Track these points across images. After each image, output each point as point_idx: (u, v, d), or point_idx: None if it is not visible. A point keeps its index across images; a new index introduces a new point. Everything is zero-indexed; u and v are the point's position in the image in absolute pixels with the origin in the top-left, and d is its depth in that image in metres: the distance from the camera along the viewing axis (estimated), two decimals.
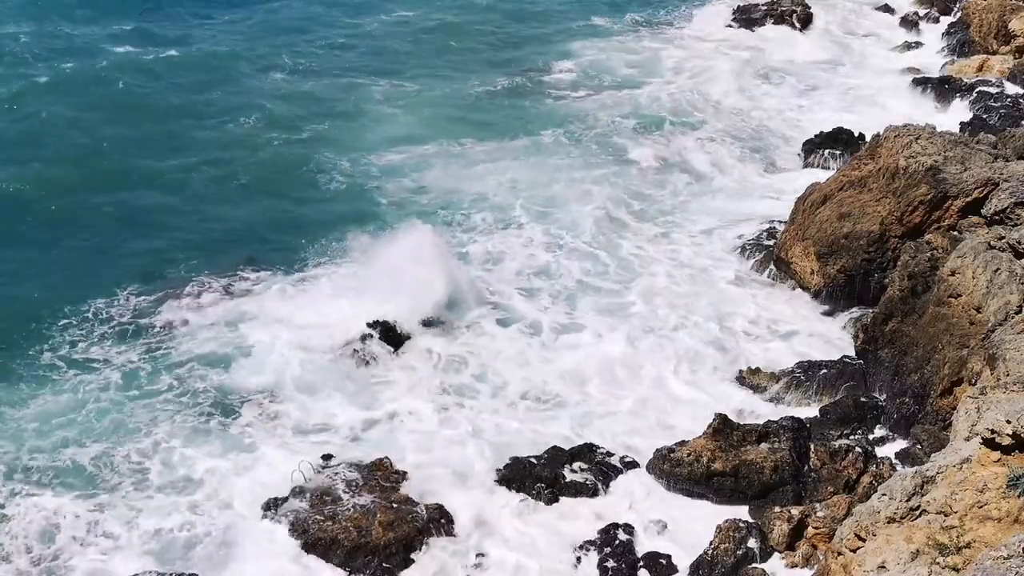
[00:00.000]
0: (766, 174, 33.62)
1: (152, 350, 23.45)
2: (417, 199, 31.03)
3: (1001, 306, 19.21)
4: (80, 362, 22.85)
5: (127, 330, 24.11)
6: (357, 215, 29.69)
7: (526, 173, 32.45)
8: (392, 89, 39.81)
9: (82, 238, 28.11)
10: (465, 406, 21.89)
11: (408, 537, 17.84)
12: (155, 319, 24.61)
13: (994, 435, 13.45)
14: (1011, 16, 42.17)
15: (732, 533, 17.51)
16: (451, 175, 32.48)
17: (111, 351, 23.31)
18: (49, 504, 18.68)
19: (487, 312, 25.20)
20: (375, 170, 32.77)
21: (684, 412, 21.58)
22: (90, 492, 19.14)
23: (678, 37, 47.57)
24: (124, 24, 45.70)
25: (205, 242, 28.18)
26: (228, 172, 32.39)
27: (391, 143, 34.79)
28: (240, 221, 29.57)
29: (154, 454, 20.08)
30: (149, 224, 29.00)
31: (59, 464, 19.72)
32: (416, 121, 36.68)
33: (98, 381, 22.19)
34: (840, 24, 50.54)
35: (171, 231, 28.72)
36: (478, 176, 32.31)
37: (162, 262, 27.01)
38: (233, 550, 17.85)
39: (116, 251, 27.57)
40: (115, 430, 20.72)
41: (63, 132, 34.29)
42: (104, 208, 29.60)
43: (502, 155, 33.96)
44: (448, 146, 34.69)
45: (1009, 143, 26.78)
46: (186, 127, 35.45)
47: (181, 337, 23.94)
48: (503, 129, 36.15)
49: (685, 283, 26.72)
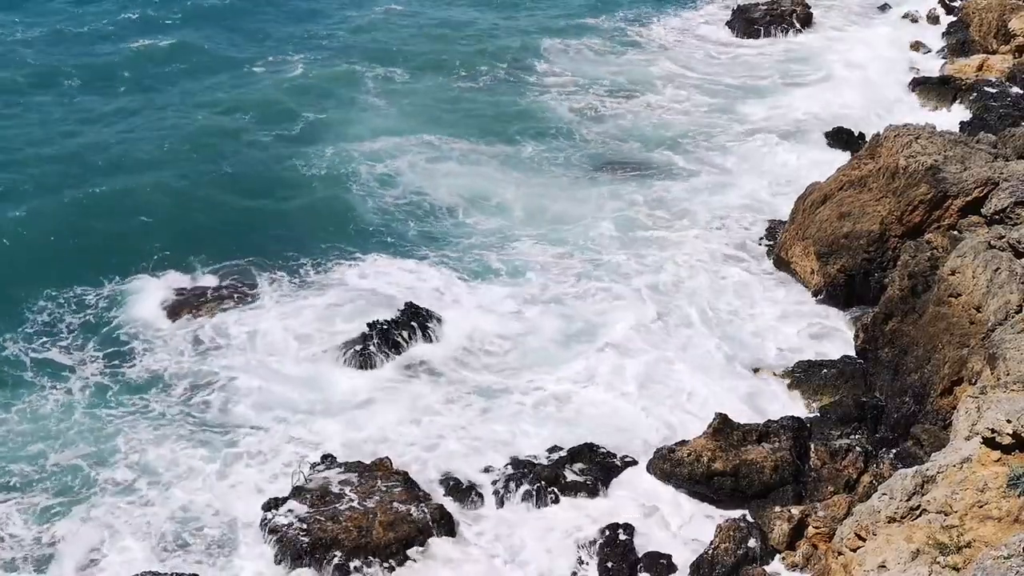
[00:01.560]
0: (767, 173, 33.57)
1: (131, 348, 23.46)
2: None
3: (1001, 305, 19.20)
4: (51, 362, 22.81)
5: (101, 325, 24.18)
6: (350, 218, 29.81)
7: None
8: (380, 83, 40.21)
9: (64, 230, 28.16)
10: (466, 405, 21.91)
11: (408, 537, 17.83)
12: (133, 312, 24.69)
13: (994, 434, 13.46)
14: (1011, 16, 42.15)
15: (732, 533, 17.51)
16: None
17: (86, 349, 23.29)
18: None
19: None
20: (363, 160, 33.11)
21: (684, 412, 21.55)
22: (88, 491, 19.19)
23: (668, 43, 47.52)
24: (113, 16, 45.97)
25: (185, 234, 28.26)
26: (211, 163, 32.65)
27: (375, 134, 35.17)
28: (226, 215, 29.66)
29: (149, 455, 20.07)
30: (125, 214, 29.11)
31: (41, 474, 19.64)
32: (399, 114, 37.05)
33: (73, 383, 22.14)
34: (839, 24, 50.54)
35: (146, 222, 28.80)
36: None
37: (135, 253, 26.98)
38: (233, 550, 17.86)
39: (96, 242, 27.73)
40: (101, 430, 20.76)
41: (42, 124, 34.51)
42: (83, 201, 29.72)
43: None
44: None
45: (1009, 143, 26.78)
46: (165, 117, 35.77)
47: (161, 334, 23.99)
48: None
49: (685, 283, 26.69)
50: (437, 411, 21.63)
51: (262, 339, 23.77)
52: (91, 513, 18.61)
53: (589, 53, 44.91)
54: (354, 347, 23.17)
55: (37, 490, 19.16)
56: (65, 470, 19.63)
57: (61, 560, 17.63)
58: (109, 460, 19.93)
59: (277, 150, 34.01)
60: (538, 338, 24.20)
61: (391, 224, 29.32)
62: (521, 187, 31.55)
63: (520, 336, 24.29)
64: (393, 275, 26.57)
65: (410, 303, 24.40)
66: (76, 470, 19.66)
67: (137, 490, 19.23)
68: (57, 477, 19.49)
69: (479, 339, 23.96)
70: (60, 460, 19.86)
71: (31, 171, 31.17)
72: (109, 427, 20.84)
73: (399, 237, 28.67)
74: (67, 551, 17.76)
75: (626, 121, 37.28)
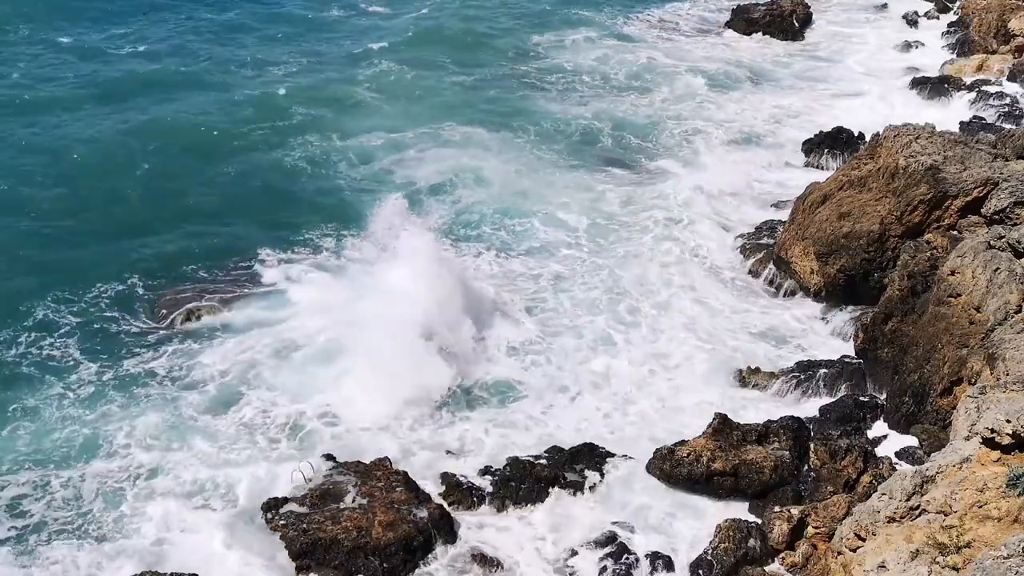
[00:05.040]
0: (766, 173, 33.61)
1: (137, 344, 23.48)
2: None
3: (1001, 305, 19.20)
4: (50, 359, 22.80)
5: (99, 324, 24.18)
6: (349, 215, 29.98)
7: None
8: (379, 80, 40.55)
9: (64, 232, 28.20)
10: (465, 404, 21.93)
11: (408, 537, 17.82)
12: (136, 311, 24.74)
13: (994, 434, 13.46)
14: (1011, 15, 42.23)
15: (732, 533, 17.52)
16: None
17: (83, 347, 23.26)
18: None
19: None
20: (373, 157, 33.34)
21: (684, 412, 21.57)
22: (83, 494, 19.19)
23: (662, 39, 47.67)
24: (114, 18, 46.22)
25: (184, 233, 28.37)
26: (210, 163, 32.71)
27: (372, 130, 35.55)
28: (225, 213, 29.73)
29: (147, 455, 20.05)
30: (128, 215, 29.28)
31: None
32: (399, 111, 37.38)
33: (71, 381, 22.09)
34: (839, 24, 50.59)
35: (143, 222, 28.91)
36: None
37: (135, 252, 27.09)
38: (233, 550, 17.85)
39: (96, 243, 27.68)
40: (104, 425, 20.78)
41: (43, 129, 34.53)
42: (87, 201, 29.81)
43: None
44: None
45: (1009, 142, 26.78)
46: (161, 120, 35.81)
47: (164, 331, 24.00)
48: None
49: (684, 281, 26.71)
50: (437, 410, 21.60)
51: (262, 337, 23.75)
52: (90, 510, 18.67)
53: (586, 44, 45.42)
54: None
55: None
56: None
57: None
58: (107, 457, 19.96)
59: (276, 148, 34.13)
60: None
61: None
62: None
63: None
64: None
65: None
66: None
67: (135, 488, 19.19)
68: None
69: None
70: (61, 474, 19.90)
71: (32, 175, 31.25)
72: (109, 424, 20.83)
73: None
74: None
75: (621, 113, 37.71)
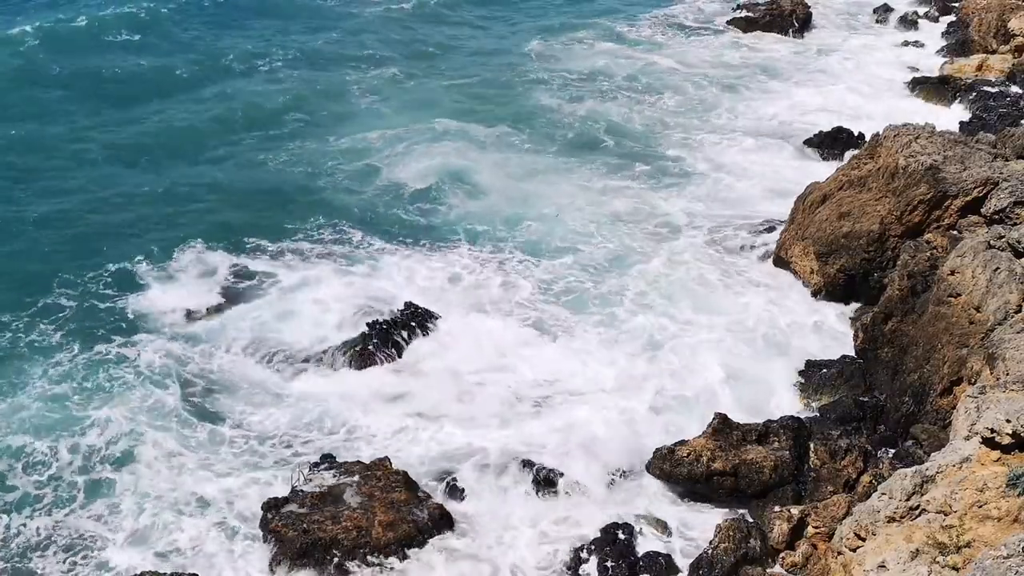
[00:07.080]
0: (766, 173, 33.58)
1: (128, 340, 23.55)
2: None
3: (1000, 305, 19.20)
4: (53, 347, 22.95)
5: (101, 315, 24.34)
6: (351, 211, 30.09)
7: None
8: (374, 78, 40.63)
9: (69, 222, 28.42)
10: (465, 403, 21.92)
11: (408, 537, 17.83)
12: (123, 304, 24.87)
13: (994, 434, 13.46)
14: (1011, 15, 42.19)
15: (732, 532, 17.50)
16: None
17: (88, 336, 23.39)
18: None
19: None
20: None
21: (684, 412, 21.55)
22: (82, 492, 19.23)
23: (662, 40, 47.70)
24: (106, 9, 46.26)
25: (187, 227, 28.54)
26: (209, 163, 32.80)
27: (368, 129, 35.61)
28: (224, 211, 29.82)
29: (145, 453, 20.06)
30: (120, 206, 29.47)
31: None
32: (394, 110, 37.48)
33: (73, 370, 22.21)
34: (839, 24, 50.57)
35: (147, 215, 29.18)
36: None
37: (136, 249, 27.23)
38: (233, 550, 17.85)
39: (85, 233, 27.94)
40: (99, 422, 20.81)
41: (56, 126, 34.67)
42: (75, 192, 30.01)
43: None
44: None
45: (1009, 142, 26.77)
46: (170, 117, 36.02)
47: (155, 325, 24.11)
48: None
49: (684, 281, 26.70)
50: (436, 410, 21.61)
51: (262, 335, 23.76)
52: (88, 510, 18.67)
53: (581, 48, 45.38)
54: (354, 347, 23.16)
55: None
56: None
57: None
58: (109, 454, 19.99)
59: (275, 148, 34.27)
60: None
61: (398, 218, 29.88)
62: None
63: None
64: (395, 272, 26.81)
65: (409, 303, 24.46)
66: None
67: (133, 487, 19.24)
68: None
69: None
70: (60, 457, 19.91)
71: (41, 169, 31.45)
72: (109, 422, 20.81)
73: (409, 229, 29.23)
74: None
75: (620, 115, 37.70)
